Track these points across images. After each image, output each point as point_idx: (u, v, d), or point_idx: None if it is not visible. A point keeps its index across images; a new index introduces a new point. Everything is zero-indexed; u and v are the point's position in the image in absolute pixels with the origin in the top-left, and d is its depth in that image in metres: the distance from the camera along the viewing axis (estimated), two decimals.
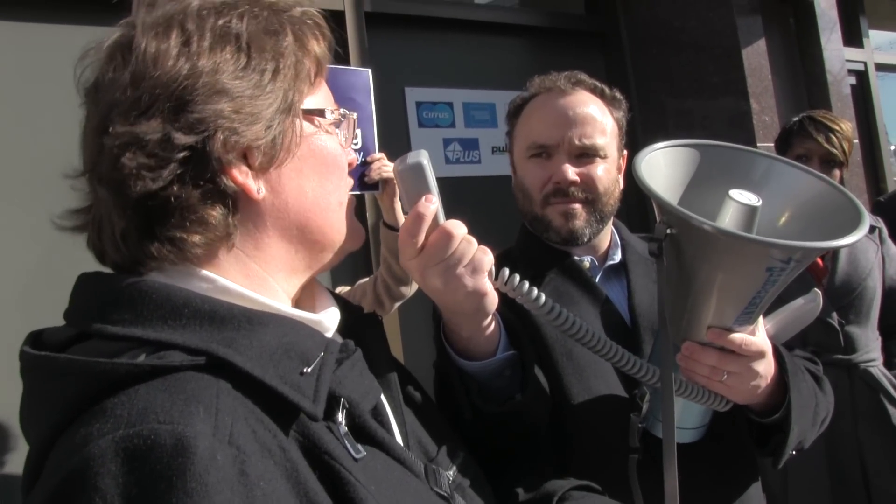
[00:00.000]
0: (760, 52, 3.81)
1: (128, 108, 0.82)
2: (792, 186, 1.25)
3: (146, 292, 0.81)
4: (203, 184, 0.83)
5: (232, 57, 0.85)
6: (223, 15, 0.88)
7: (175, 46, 0.83)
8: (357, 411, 0.86)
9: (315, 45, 0.94)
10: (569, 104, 1.56)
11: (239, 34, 0.87)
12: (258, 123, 0.85)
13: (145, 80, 0.82)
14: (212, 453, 0.68)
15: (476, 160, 3.61)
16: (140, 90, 0.82)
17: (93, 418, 0.71)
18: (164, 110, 0.81)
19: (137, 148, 0.80)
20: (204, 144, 0.82)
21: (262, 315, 0.83)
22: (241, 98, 0.84)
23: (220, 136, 0.82)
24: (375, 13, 3.40)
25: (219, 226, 0.84)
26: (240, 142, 0.84)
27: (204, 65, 0.83)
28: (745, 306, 1.18)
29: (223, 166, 0.83)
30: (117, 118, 0.82)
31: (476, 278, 1.06)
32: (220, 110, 0.82)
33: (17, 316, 2.38)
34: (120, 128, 0.81)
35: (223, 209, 0.85)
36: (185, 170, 0.82)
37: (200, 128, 0.81)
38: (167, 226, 0.83)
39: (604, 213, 1.58)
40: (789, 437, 1.36)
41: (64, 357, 0.77)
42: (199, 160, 0.82)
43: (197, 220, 0.83)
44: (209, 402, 0.73)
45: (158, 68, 0.82)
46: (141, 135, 0.80)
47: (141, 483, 0.66)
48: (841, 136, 2.88)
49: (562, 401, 1.42)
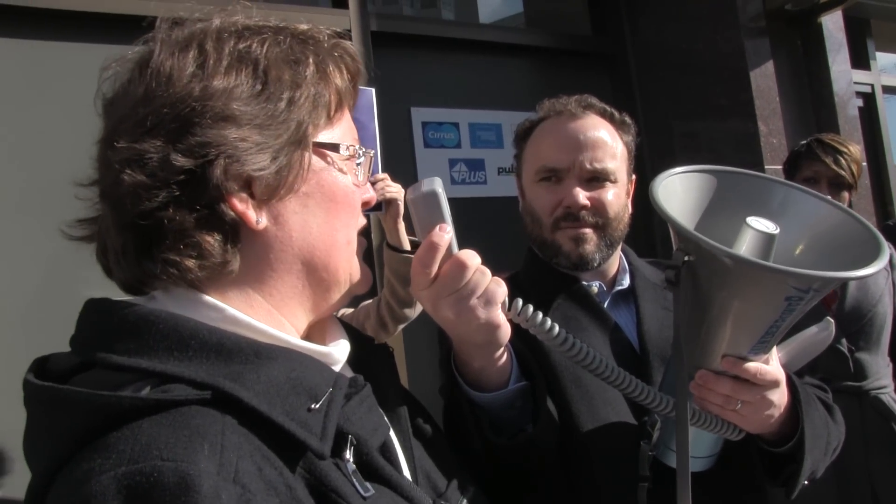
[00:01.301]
0: (768, 74, 3.81)
1: (134, 125, 0.81)
2: (810, 215, 1.24)
3: (153, 322, 0.79)
4: (199, 209, 0.81)
5: (247, 82, 0.84)
6: (244, 39, 0.86)
7: (190, 66, 0.83)
8: (365, 448, 0.84)
9: (338, 78, 0.92)
10: (579, 128, 1.55)
11: (258, 60, 0.85)
12: (264, 153, 0.83)
13: (156, 98, 0.81)
14: (216, 492, 0.66)
15: (482, 181, 3.61)
16: (149, 108, 0.81)
17: (95, 453, 0.70)
18: (167, 130, 0.80)
19: (137, 166, 0.79)
20: (203, 169, 0.80)
21: (270, 349, 0.81)
22: (250, 126, 0.82)
23: (220, 163, 0.80)
24: (382, 32, 3.41)
25: (215, 253, 0.82)
26: (242, 170, 0.82)
27: (216, 87, 0.82)
28: (762, 335, 1.16)
29: (222, 193, 0.81)
30: (123, 133, 0.81)
31: (489, 310, 1.04)
32: (225, 136, 0.81)
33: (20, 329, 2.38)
34: (124, 143, 0.80)
35: (220, 236, 0.83)
36: (182, 193, 0.80)
37: (201, 152, 0.80)
38: (162, 247, 0.81)
39: (614, 238, 1.56)
40: (803, 468, 1.34)
41: (66, 389, 0.76)
42: (197, 185, 0.80)
43: (191, 245, 0.81)
44: (214, 439, 0.71)
45: (170, 87, 0.81)
46: (142, 153, 0.79)
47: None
48: (849, 159, 2.87)
49: (571, 428, 1.40)
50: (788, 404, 1.31)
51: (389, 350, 1.08)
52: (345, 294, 0.96)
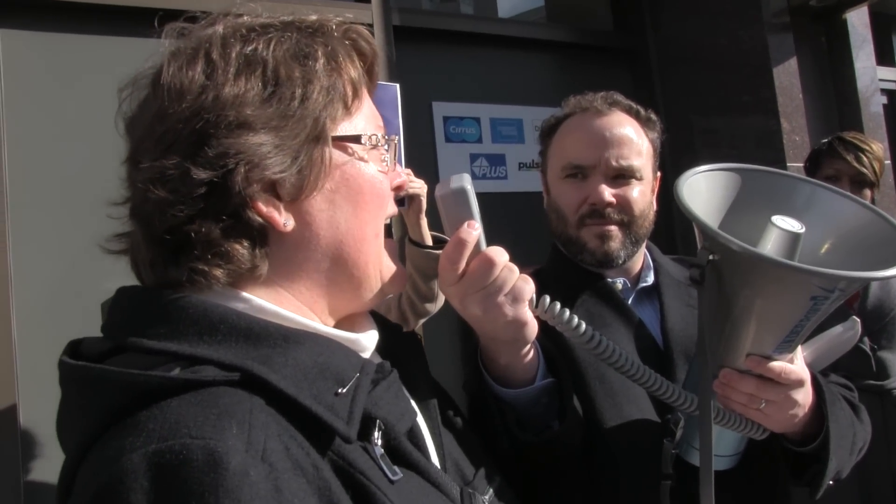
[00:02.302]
0: (791, 70, 3.78)
1: (154, 143, 0.82)
2: (836, 214, 1.23)
3: (183, 307, 0.81)
4: (225, 219, 0.82)
5: (257, 85, 0.84)
6: (250, 41, 0.86)
7: (199, 78, 0.83)
8: (393, 433, 0.85)
9: (351, 66, 0.91)
10: (605, 125, 1.55)
11: (265, 61, 0.85)
12: (283, 155, 0.83)
13: (169, 114, 0.82)
14: (244, 469, 0.67)
15: (503, 176, 3.60)
16: (165, 124, 0.82)
17: (125, 431, 0.71)
18: (184, 145, 0.81)
19: (160, 183, 0.80)
20: (224, 179, 0.81)
21: (298, 333, 0.82)
22: (266, 129, 0.82)
23: (241, 171, 0.81)
24: (404, 27, 3.41)
25: (244, 260, 0.83)
26: (263, 175, 0.82)
27: (227, 95, 0.82)
28: (787, 334, 1.16)
29: (246, 200, 0.82)
30: (145, 152, 0.83)
31: (517, 307, 1.04)
32: (242, 143, 0.81)
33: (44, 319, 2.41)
34: (146, 162, 0.81)
35: (249, 242, 0.84)
36: (206, 205, 0.81)
37: (220, 163, 0.80)
38: (190, 257, 0.82)
39: (639, 236, 1.56)
40: (828, 468, 1.34)
41: (99, 367, 0.77)
42: (220, 195, 0.81)
43: (219, 255, 0.82)
44: (242, 418, 0.72)
45: (182, 101, 0.82)
46: (164, 170, 0.80)
47: (172, 499, 0.65)
48: (871, 156, 2.86)
49: (594, 425, 1.40)
50: (813, 403, 1.31)
51: (418, 338, 1.09)
52: (377, 293, 0.96)
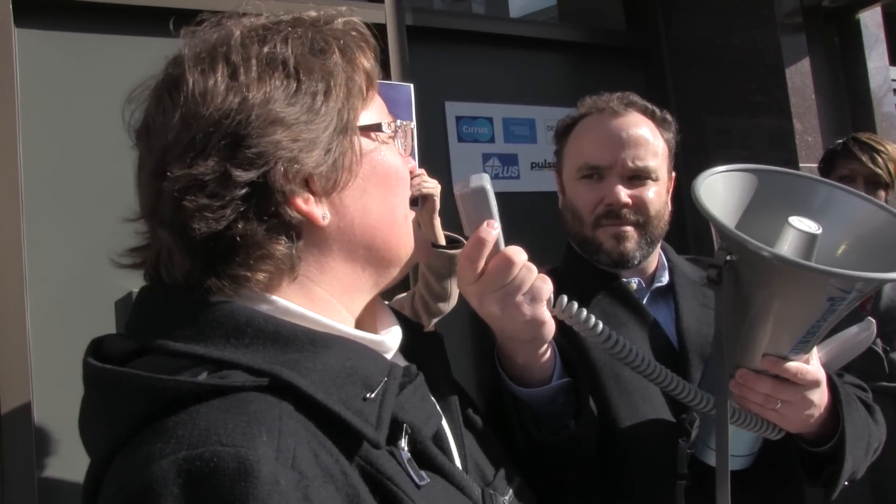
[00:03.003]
0: (804, 71, 3.77)
1: (183, 151, 0.81)
2: (853, 215, 1.23)
3: (208, 310, 0.80)
4: (268, 218, 0.82)
5: (281, 84, 0.84)
6: (266, 41, 0.86)
7: (222, 81, 0.82)
8: (419, 437, 0.85)
9: (363, 59, 0.92)
10: (622, 125, 1.55)
11: (286, 59, 0.85)
12: (317, 148, 0.84)
13: (196, 119, 0.81)
14: (275, 478, 0.67)
15: (515, 176, 3.60)
16: (192, 131, 0.81)
17: (154, 437, 0.71)
18: (219, 148, 0.80)
19: (197, 190, 0.79)
20: (265, 178, 0.81)
21: (325, 337, 0.82)
22: (297, 125, 0.83)
23: (280, 168, 0.81)
24: (417, 27, 3.41)
25: (283, 259, 0.83)
26: (301, 170, 0.83)
27: (254, 96, 0.82)
28: (803, 335, 1.16)
29: (286, 197, 0.82)
30: (174, 161, 0.81)
31: (534, 307, 1.05)
32: (277, 141, 0.81)
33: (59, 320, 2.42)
34: (177, 171, 0.80)
35: (287, 241, 0.84)
36: (248, 206, 0.81)
37: (259, 162, 0.80)
38: (231, 264, 0.82)
39: (654, 236, 1.57)
40: (843, 468, 1.34)
41: (127, 371, 0.77)
42: (261, 194, 0.81)
43: (261, 256, 0.82)
44: (272, 425, 0.72)
45: (209, 106, 0.81)
46: (200, 176, 0.79)
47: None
48: (886, 157, 2.86)
49: (609, 424, 1.41)
50: (829, 404, 1.31)
51: (440, 337, 1.09)
52: (405, 265, 0.97)
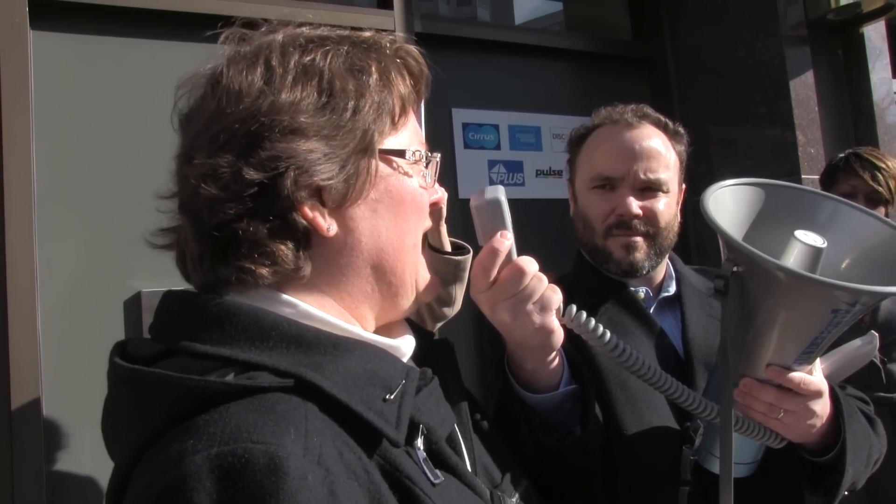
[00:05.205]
0: (808, 83, 3.79)
1: (208, 141, 0.85)
2: (857, 230, 1.26)
3: (234, 313, 0.83)
4: (272, 219, 0.85)
5: (312, 94, 0.87)
6: (308, 52, 0.90)
7: (258, 82, 0.86)
8: (434, 438, 0.88)
9: (401, 84, 0.94)
10: (635, 137, 1.58)
11: (322, 71, 0.88)
12: (332, 163, 0.86)
13: (226, 114, 0.85)
14: (303, 473, 0.70)
15: (520, 182, 3.61)
16: (221, 124, 0.85)
17: (185, 434, 0.74)
18: (239, 146, 0.84)
19: (212, 180, 0.83)
20: (274, 181, 0.84)
21: (346, 341, 0.85)
22: (318, 137, 0.86)
23: (290, 175, 0.84)
24: (425, 34, 3.43)
25: (288, 260, 0.86)
26: (311, 180, 0.85)
27: (284, 101, 0.85)
28: (807, 346, 1.19)
29: (294, 203, 0.85)
30: (199, 149, 0.85)
31: (544, 315, 1.08)
32: (294, 149, 0.84)
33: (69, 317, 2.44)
34: (200, 159, 0.84)
35: (293, 244, 0.86)
36: (255, 205, 0.84)
37: (271, 165, 0.83)
38: (237, 255, 0.85)
39: (663, 247, 1.60)
40: (844, 478, 1.36)
41: (158, 372, 0.79)
42: (268, 196, 0.84)
43: (264, 254, 0.85)
44: (299, 424, 0.75)
45: (240, 103, 0.85)
46: (217, 167, 0.83)
47: (235, 500, 0.68)
48: (887, 174, 2.88)
49: (614, 431, 1.43)
50: (831, 415, 1.33)
51: (451, 345, 1.12)
52: (413, 302, 0.99)
